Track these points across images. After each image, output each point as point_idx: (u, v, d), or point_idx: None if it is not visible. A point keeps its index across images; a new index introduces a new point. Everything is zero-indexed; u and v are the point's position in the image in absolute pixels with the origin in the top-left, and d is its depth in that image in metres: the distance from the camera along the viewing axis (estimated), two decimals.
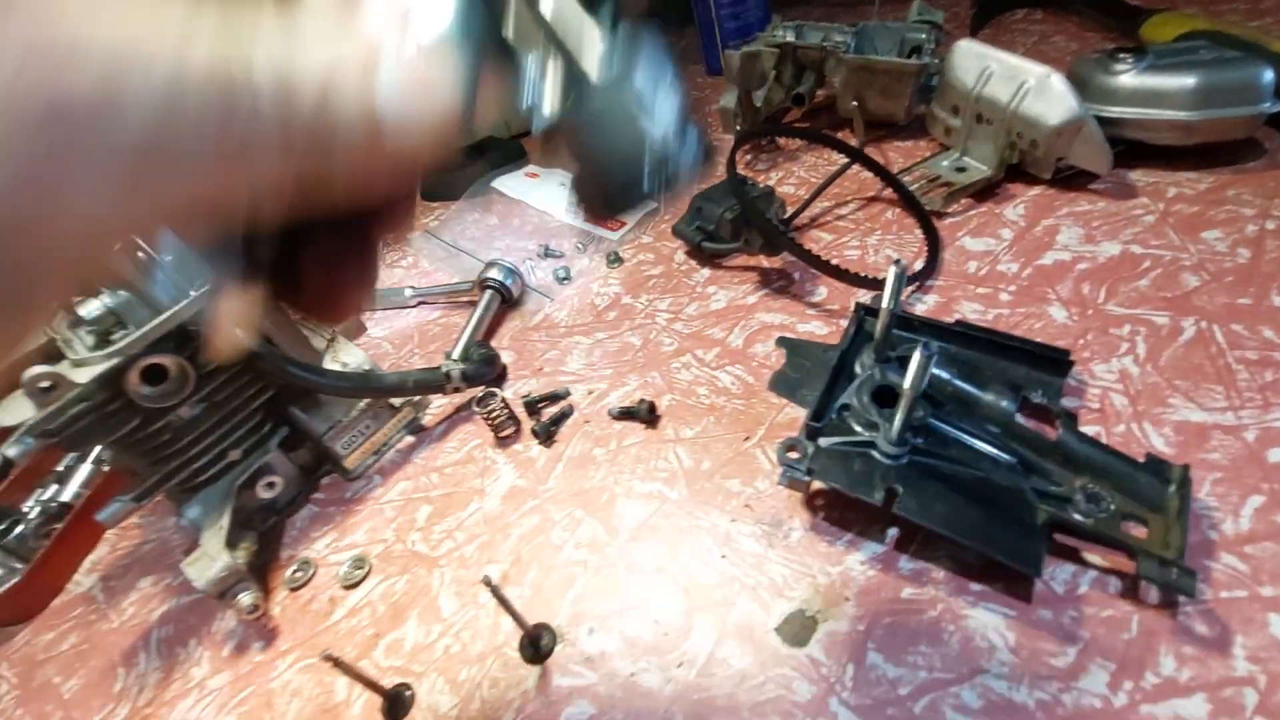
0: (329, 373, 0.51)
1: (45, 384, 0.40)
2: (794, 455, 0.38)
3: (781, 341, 0.45)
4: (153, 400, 0.44)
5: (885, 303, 0.37)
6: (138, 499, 0.47)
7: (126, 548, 0.59)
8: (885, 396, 0.39)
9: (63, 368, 0.41)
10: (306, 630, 0.45)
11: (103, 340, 0.44)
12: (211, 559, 0.46)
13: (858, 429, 0.38)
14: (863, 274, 0.52)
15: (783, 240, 0.51)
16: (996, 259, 0.55)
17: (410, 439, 0.58)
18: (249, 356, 0.46)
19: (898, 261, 0.35)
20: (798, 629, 0.36)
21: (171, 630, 0.48)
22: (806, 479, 0.37)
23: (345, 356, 0.56)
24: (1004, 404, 0.38)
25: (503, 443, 0.54)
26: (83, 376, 0.41)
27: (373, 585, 0.46)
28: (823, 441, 0.38)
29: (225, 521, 0.48)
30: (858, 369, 0.41)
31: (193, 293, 0.45)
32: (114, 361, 0.42)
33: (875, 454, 0.37)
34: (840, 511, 0.40)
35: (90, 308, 0.42)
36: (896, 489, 0.34)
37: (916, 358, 0.30)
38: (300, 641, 0.44)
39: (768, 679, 0.34)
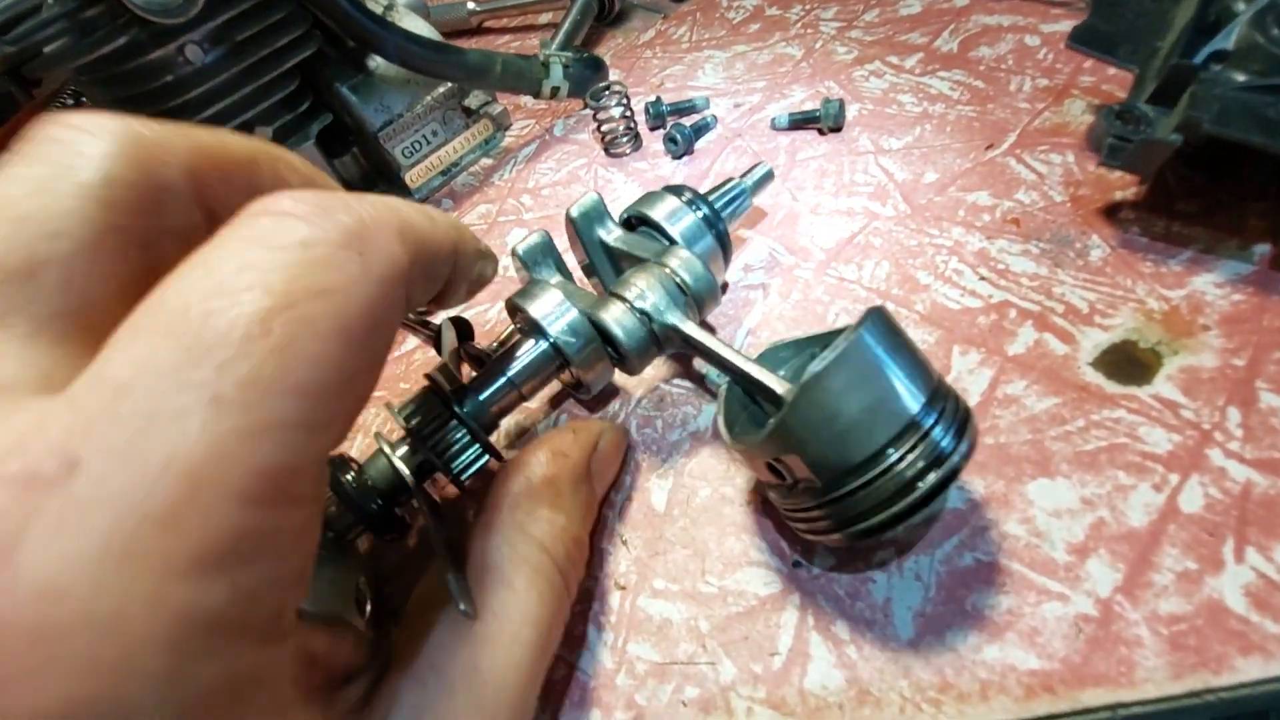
0: (393, 27, 0.36)
1: None
2: (1126, 124, 0.25)
3: None
4: (149, 10, 0.30)
5: None
6: None
7: None
8: None
9: None
10: None
11: None
12: None
13: (1241, 79, 0.25)
14: None
15: None
16: None
17: (488, 161, 0.45)
18: None
19: None
20: (1127, 363, 0.24)
21: None
22: (1172, 141, 0.23)
23: (408, 26, 0.41)
24: None
25: (618, 160, 0.40)
26: None
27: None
28: (1210, 77, 0.24)
29: None
30: (1240, 5, 0.27)
31: None
32: None
33: None
34: (1167, 223, 0.27)
35: None
36: None
37: None
38: None
39: (1090, 424, 0.23)
